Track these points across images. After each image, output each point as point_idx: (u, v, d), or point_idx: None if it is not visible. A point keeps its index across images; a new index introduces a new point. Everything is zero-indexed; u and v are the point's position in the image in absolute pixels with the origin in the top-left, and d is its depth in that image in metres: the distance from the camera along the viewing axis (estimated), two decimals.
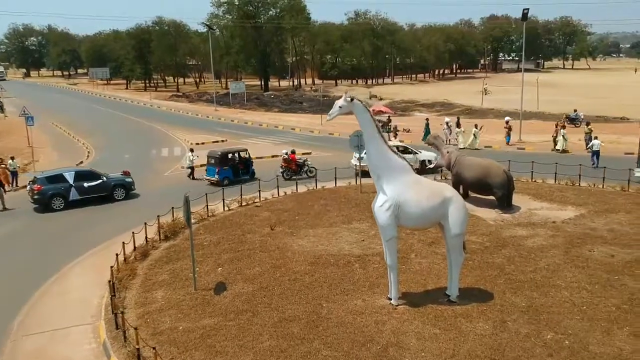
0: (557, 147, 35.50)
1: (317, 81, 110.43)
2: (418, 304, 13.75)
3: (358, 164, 24.94)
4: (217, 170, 28.29)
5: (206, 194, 22.44)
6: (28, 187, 25.26)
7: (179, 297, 14.70)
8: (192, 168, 30.20)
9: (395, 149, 13.53)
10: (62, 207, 24.59)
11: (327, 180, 26.81)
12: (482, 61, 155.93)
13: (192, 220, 20.68)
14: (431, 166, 24.90)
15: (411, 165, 13.65)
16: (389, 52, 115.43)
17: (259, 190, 24.46)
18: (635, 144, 36.50)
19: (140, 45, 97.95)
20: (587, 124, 37.72)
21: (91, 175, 25.93)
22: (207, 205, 22.20)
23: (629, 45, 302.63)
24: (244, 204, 23.55)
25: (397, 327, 12.64)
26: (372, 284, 15.06)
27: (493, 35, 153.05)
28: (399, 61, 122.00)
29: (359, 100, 13.38)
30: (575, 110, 49.89)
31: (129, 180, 26.77)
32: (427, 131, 39.84)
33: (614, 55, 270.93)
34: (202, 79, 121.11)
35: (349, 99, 13.17)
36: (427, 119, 42.24)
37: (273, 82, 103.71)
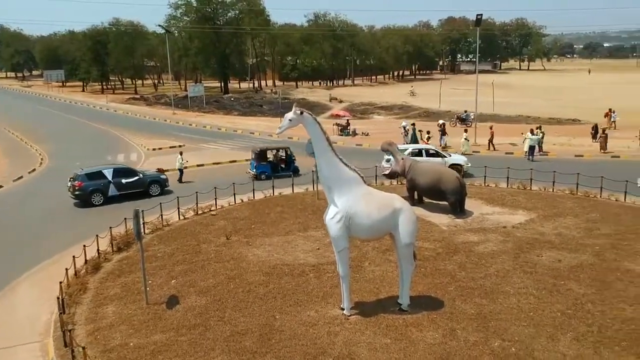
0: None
1: (277, 83, 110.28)
2: (370, 313, 13.89)
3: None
4: (255, 165, 30.29)
5: (160, 204, 22.19)
6: (69, 183, 26.25)
7: (130, 311, 14.50)
8: (181, 171, 30.64)
9: (345, 161, 13.63)
10: (101, 202, 25.88)
11: (285, 186, 26.80)
12: (440, 62, 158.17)
13: (147, 230, 20.64)
14: (386, 172, 25.13)
15: (361, 177, 13.79)
16: (349, 54, 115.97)
17: (215, 199, 24.29)
18: (585, 146, 37.73)
19: (97, 46, 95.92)
20: (539, 127, 38.62)
21: (129, 171, 27.35)
22: (161, 215, 21.94)
23: (582, 46, 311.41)
24: (199, 212, 23.35)
25: (349, 338, 12.75)
26: (326, 293, 15.14)
27: (451, 37, 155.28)
28: (358, 63, 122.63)
29: (309, 113, 13.44)
30: (465, 111, 51.85)
31: (164, 177, 28.24)
32: (414, 137, 38.87)
33: (568, 56, 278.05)
34: (161, 81, 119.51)
35: (298, 112, 13.22)
36: (413, 124, 41.80)
37: (233, 84, 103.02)
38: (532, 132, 35.76)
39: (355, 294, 14.61)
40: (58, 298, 14.49)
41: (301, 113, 13.22)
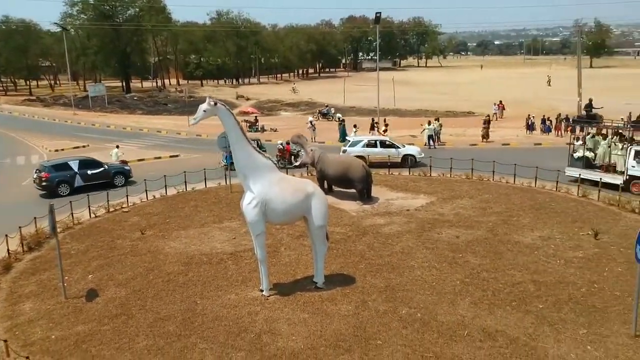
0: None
1: (181, 82, 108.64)
2: (288, 292, 14.71)
3: None
4: (226, 156, 30.37)
5: (70, 202, 21.90)
6: (35, 174, 27.08)
7: (48, 307, 14.47)
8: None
9: (259, 149, 14.37)
10: (67, 193, 26.36)
11: (197, 181, 27.05)
12: (343, 61, 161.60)
13: (57, 229, 20.30)
14: (296, 164, 26.05)
15: (275, 164, 14.58)
16: (254, 52, 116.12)
17: (127, 195, 24.21)
18: (478, 136, 40.49)
19: None
20: (437, 119, 41.03)
21: (94, 163, 28.19)
22: (72, 213, 21.67)
23: (475, 44, 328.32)
24: (111, 209, 23.21)
25: (269, 316, 13.50)
26: (245, 278, 15.80)
27: (352, 36, 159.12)
28: (263, 61, 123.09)
29: (223, 104, 14.04)
30: (326, 106, 55.29)
31: (128, 168, 29.39)
32: (342, 132, 40.26)
33: (462, 54, 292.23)
34: (58, 82, 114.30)
35: (212, 103, 13.77)
36: (342, 120, 42.87)
37: (135, 84, 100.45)
38: (429, 123, 38.29)
39: (273, 277, 15.35)
40: None
41: (215, 104, 13.79)
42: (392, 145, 31.13)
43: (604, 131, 27.77)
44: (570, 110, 48.11)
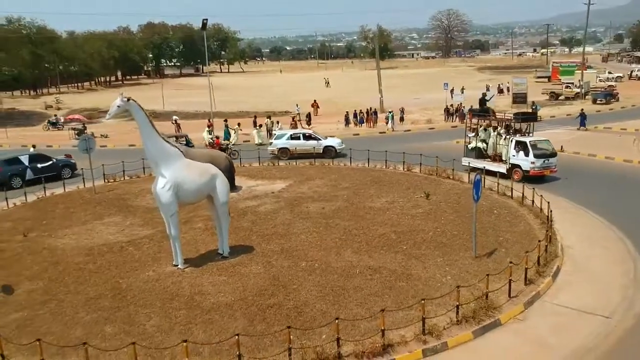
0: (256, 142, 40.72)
1: None
2: (200, 264, 16.84)
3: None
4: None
5: None
6: None
7: None
8: None
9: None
10: (20, 185, 28.00)
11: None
12: (145, 67, 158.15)
13: None
14: None
15: (182, 152, 16.64)
16: (52, 61, 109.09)
17: None
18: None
19: None
20: (269, 117, 44.55)
21: (42, 157, 30.30)
22: None
23: (268, 50, 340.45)
24: None
25: (192, 282, 15.57)
26: (154, 258, 17.50)
27: (153, 42, 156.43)
28: (63, 69, 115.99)
29: (134, 100, 15.72)
30: (55, 115, 59.32)
31: (73, 161, 31.06)
32: (227, 133, 41.03)
33: (258, 59, 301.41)
34: None
35: (125, 99, 15.44)
36: (226, 120, 43.79)
37: None
38: (260, 126, 42.07)
39: None
40: None
41: (128, 100, 15.46)
42: (314, 138, 34.20)
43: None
44: (374, 105, 54.95)
